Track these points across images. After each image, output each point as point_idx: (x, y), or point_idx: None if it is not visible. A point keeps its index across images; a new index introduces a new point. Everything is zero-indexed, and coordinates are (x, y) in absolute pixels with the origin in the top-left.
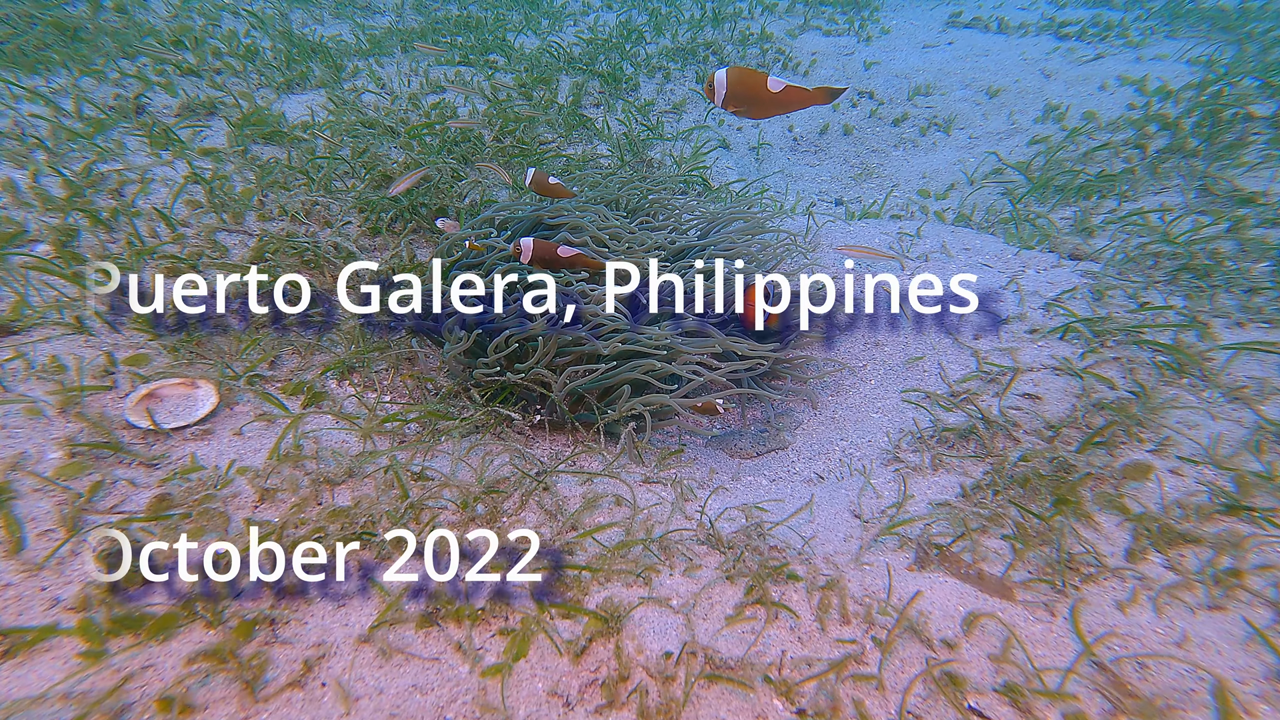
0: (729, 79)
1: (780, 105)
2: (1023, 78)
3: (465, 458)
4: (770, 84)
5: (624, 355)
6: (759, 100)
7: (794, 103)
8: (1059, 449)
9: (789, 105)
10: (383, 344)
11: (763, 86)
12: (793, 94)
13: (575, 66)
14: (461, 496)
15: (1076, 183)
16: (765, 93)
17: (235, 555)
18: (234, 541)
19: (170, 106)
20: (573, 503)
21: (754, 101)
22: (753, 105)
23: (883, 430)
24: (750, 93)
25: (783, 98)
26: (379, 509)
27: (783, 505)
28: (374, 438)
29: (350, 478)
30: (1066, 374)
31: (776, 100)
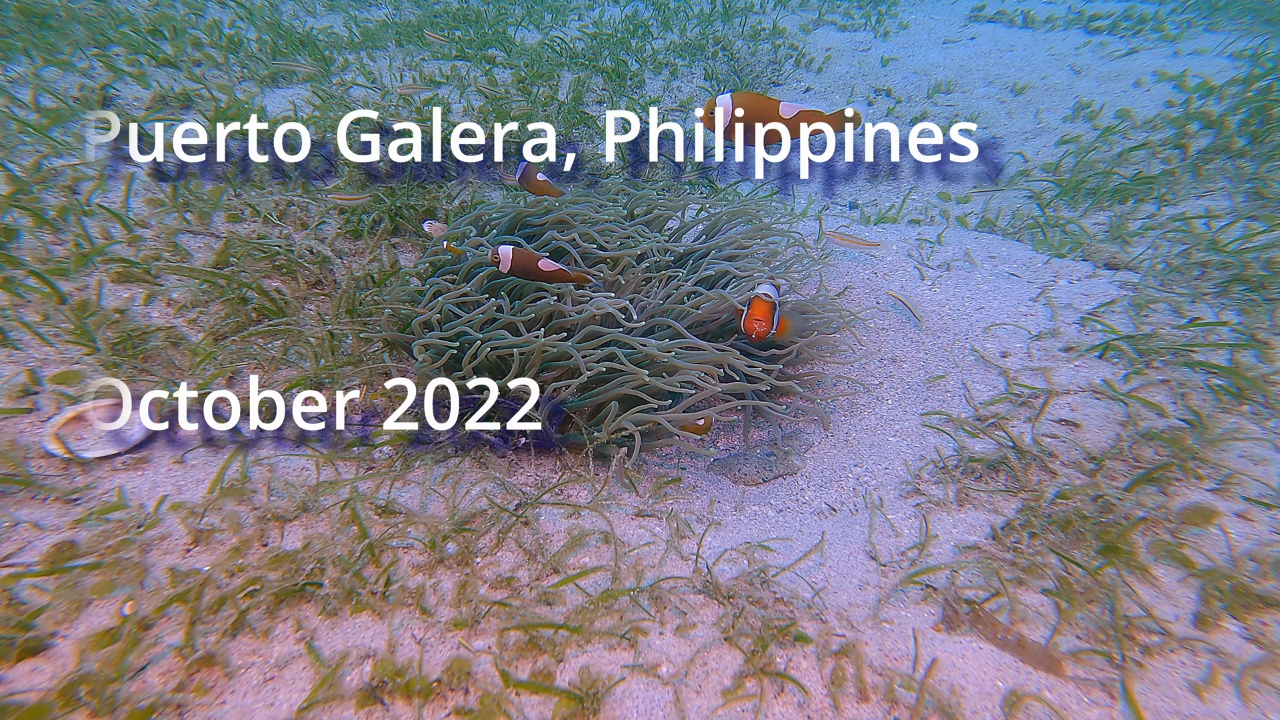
0: (736, 103)
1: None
2: (1050, 74)
3: (438, 487)
4: (783, 109)
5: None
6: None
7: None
8: (1103, 485)
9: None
10: (354, 358)
11: (776, 110)
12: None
13: (578, 62)
14: (429, 535)
15: (1110, 185)
16: (779, 117)
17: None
18: (148, 598)
19: (142, 99)
20: (556, 540)
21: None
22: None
23: (901, 457)
24: (761, 115)
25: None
26: (330, 552)
27: (790, 545)
28: (337, 464)
29: (304, 513)
30: (1108, 398)
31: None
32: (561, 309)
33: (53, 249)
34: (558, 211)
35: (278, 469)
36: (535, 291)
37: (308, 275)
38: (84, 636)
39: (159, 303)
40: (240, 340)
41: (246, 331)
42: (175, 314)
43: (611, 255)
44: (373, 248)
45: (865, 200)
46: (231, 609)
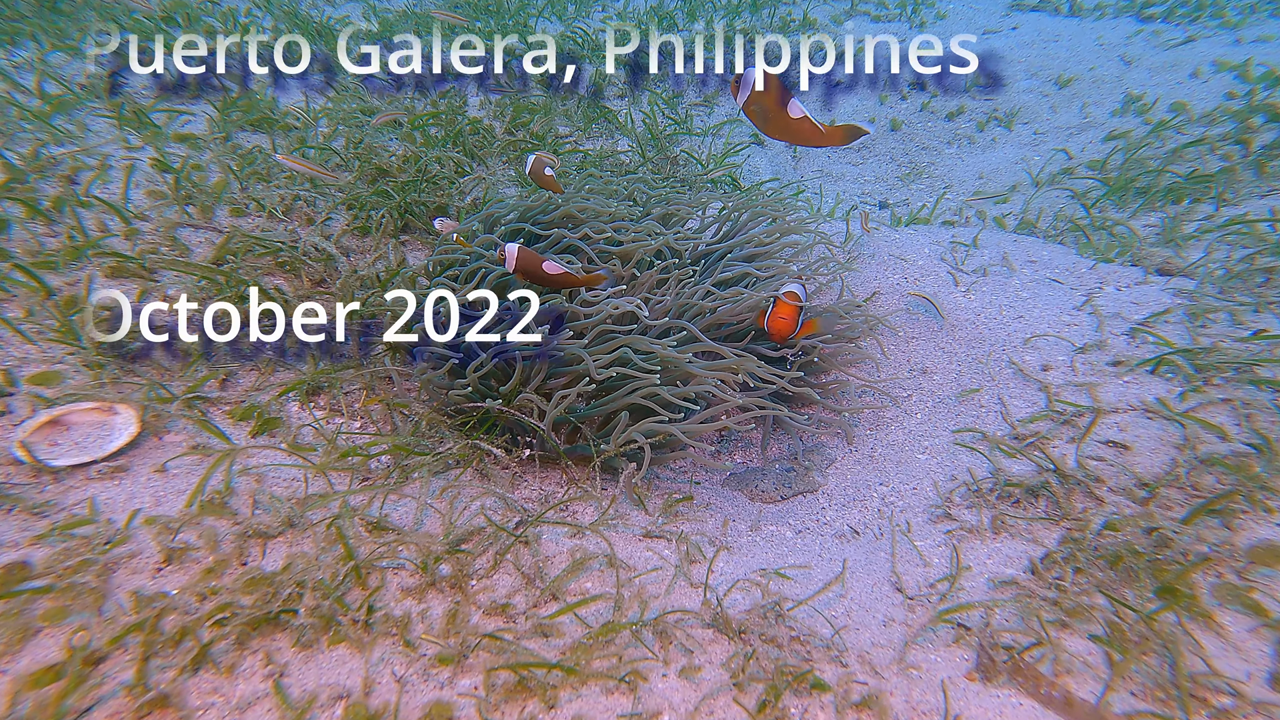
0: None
1: (796, 135)
2: (1098, 65)
3: (435, 502)
4: (790, 108)
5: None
6: (775, 118)
7: (807, 137)
8: (1157, 516)
9: (804, 138)
10: (353, 362)
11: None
12: (806, 127)
13: (600, 54)
14: (421, 556)
15: (1163, 184)
16: (784, 114)
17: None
18: (103, 628)
19: (151, 87)
20: (558, 561)
21: (771, 118)
22: (768, 120)
23: (930, 476)
24: (771, 106)
25: (797, 126)
26: (312, 575)
27: (809, 573)
28: (331, 475)
29: (289, 529)
30: (1162, 418)
31: (792, 128)
32: (574, 310)
33: (46, 241)
34: (565, 207)
35: (266, 479)
36: (546, 292)
37: (311, 273)
38: (23, 673)
39: (154, 299)
40: (234, 340)
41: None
42: (170, 312)
43: (624, 249)
44: (377, 244)
45: (896, 200)
46: (193, 642)
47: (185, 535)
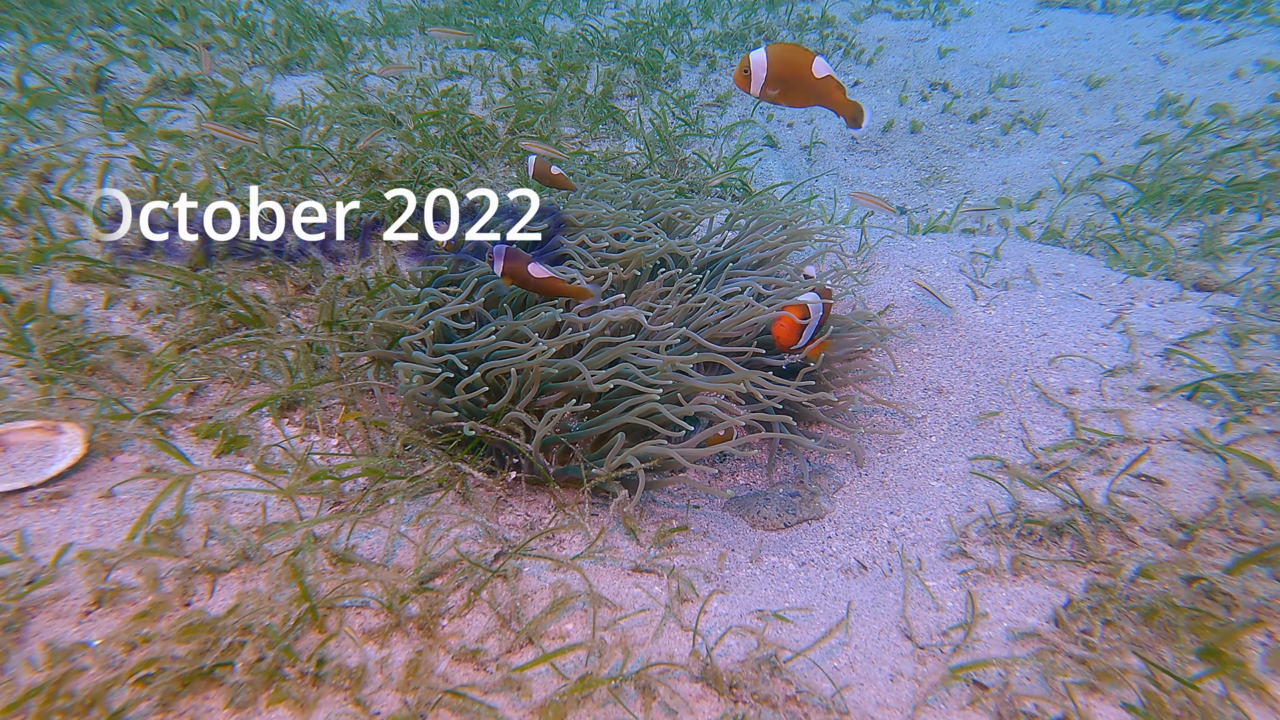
0: (770, 58)
1: (820, 94)
2: (1132, 65)
3: (410, 530)
4: (815, 66)
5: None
6: (801, 84)
7: (830, 96)
8: (1196, 562)
9: (827, 97)
10: (333, 375)
11: (808, 68)
12: (833, 85)
13: (610, 53)
14: (388, 594)
15: (1201, 191)
16: (809, 75)
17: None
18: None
19: (140, 82)
20: (539, 598)
21: (796, 85)
22: (793, 90)
23: (944, 506)
24: (793, 74)
25: (822, 86)
26: (259, 619)
27: (810, 616)
28: (299, 500)
29: (244, 563)
30: (1201, 450)
31: (817, 89)
32: (572, 320)
33: (9, 243)
34: (563, 212)
35: (226, 506)
36: (540, 302)
37: (296, 279)
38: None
39: (123, 306)
40: (205, 352)
41: (212, 343)
42: (139, 319)
43: (624, 256)
44: (359, 249)
45: (915, 205)
46: (100, 712)
47: (122, 573)
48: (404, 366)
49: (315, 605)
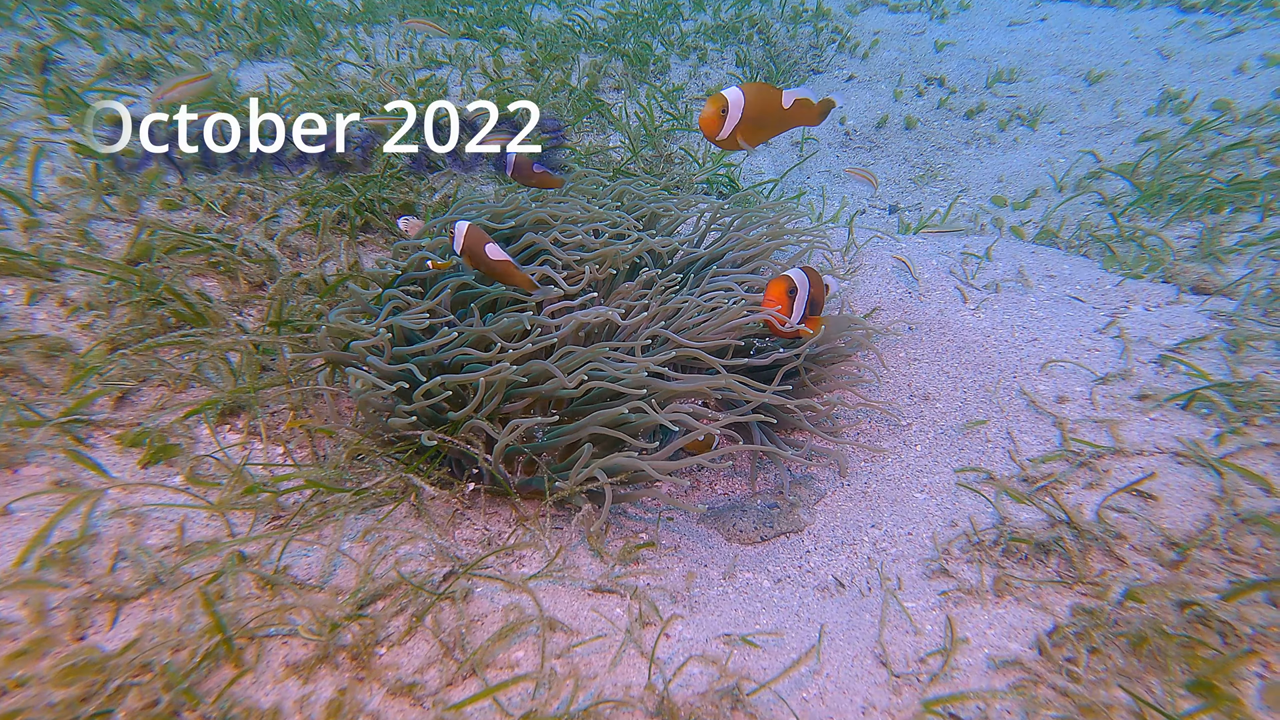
0: (747, 97)
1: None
2: (1133, 59)
3: (355, 547)
4: (784, 99)
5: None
6: (770, 119)
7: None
8: (1189, 585)
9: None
10: (280, 378)
11: (778, 104)
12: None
13: (597, 44)
14: (318, 621)
15: (1201, 190)
16: (779, 109)
17: None
18: None
19: (93, 65)
20: (489, 622)
21: (765, 123)
22: (762, 129)
23: (928, 520)
24: (765, 113)
25: (793, 113)
26: (161, 654)
27: (780, 641)
28: (235, 515)
29: (155, 589)
30: (1194, 464)
31: (788, 118)
32: (542, 323)
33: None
34: (537, 210)
35: (147, 522)
36: (509, 306)
37: (251, 276)
38: None
39: (49, 302)
40: (135, 353)
41: (144, 343)
42: (68, 317)
43: (599, 254)
44: (319, 246)
45: (909, 203)
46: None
47: (5, 603)
48: (355, 372)
49: (231, 636)
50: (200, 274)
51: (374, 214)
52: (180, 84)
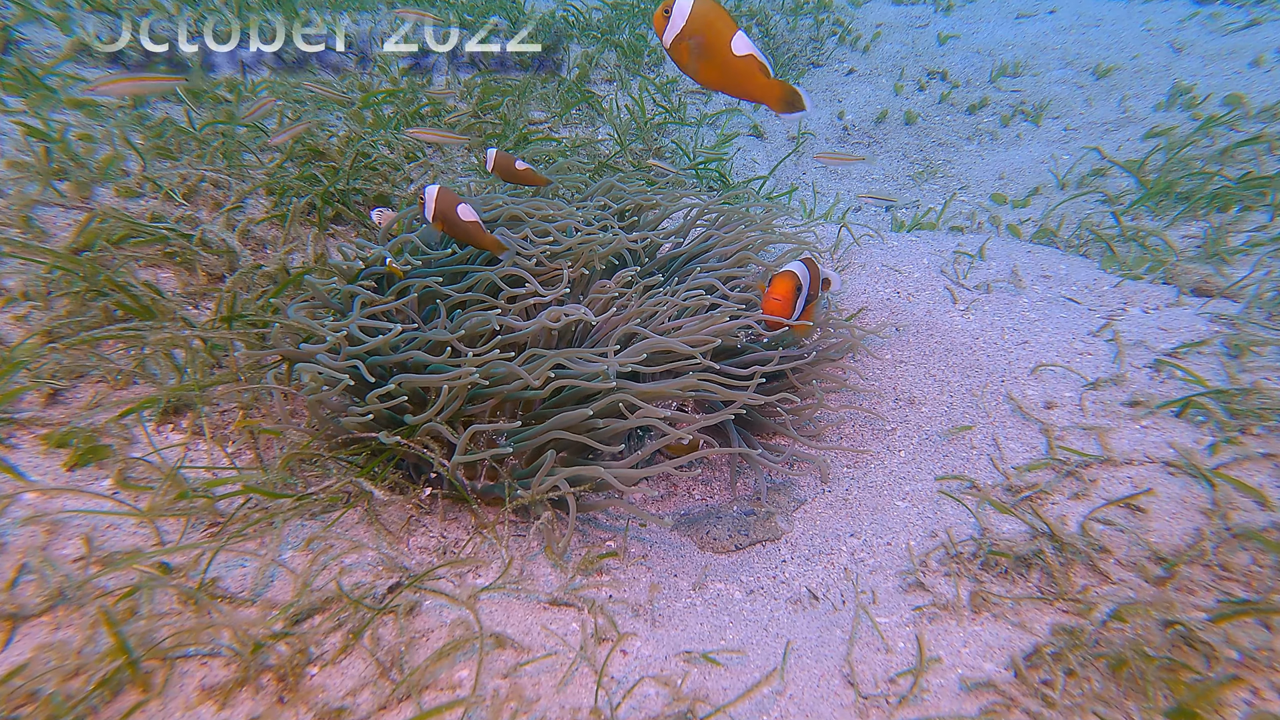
0: (695, 9)
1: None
2: (1143, 53)
3: (296, 558)
4: (735, 41)
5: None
6: (716, 55)
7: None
8: (1175, 603)
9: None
10: (229, 375)
11: (727, 38)
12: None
13: (590, 34)
14: (240, 639)
15: (1209, 188)
16: (726, 48)
17: None
18: None
19: (58, 46)
20: (434, 639)
21: (711, 54)
22: (707, 60)
23: (908, 529)
24: (711, 39)
25: (741, 65)
26: (50, 680)
27: (744, 659)
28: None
29: (59, 604)
30: (1186, 474)
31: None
32: (507, 324)
33: None
34: (510, 207)
35: (64, 530)
36: (476, 306)
37: (211, 268)
38: None
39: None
40: (69, 347)
41: (79, 337)
42: (1, 307)
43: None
44: (285, 237)
45: (906, 201)
46: None
47: None
48: (307, 367)
49: (137, 659)
50: (155, 265)
51: (346, 205)
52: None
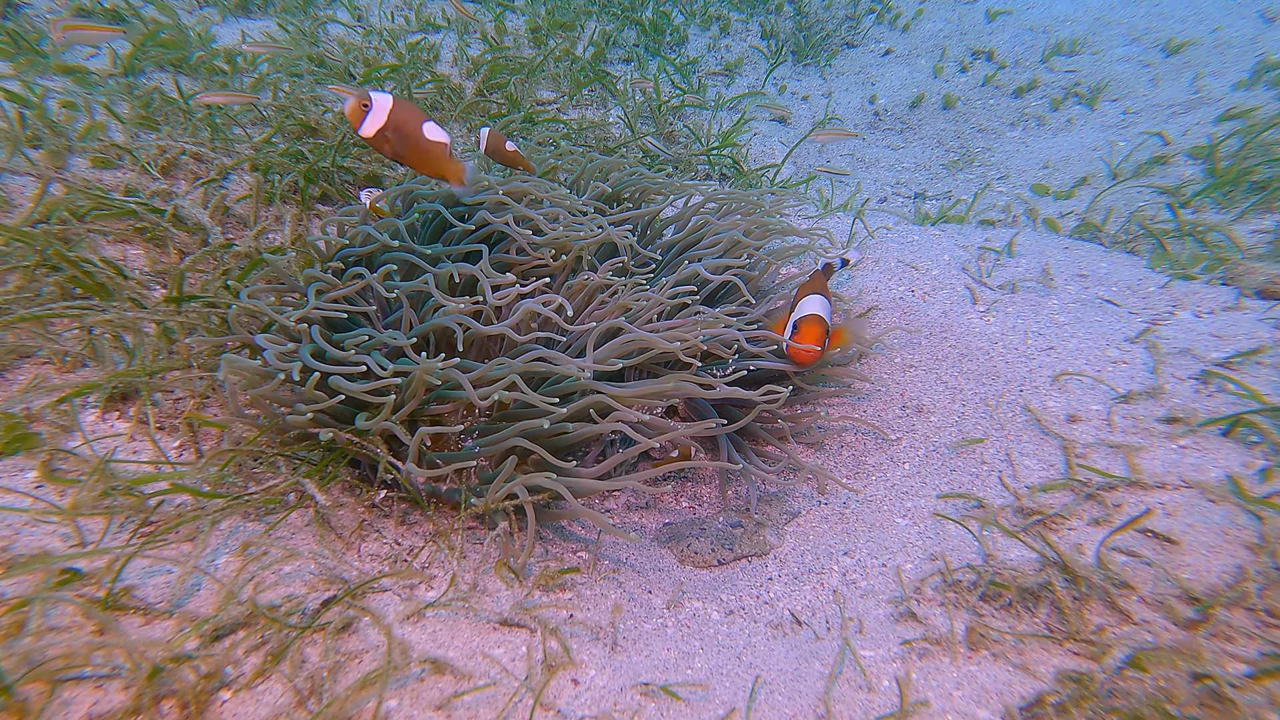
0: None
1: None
2: (1226, 24)
3: (230, 563)
4: (426, 129)
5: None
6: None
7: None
8: (1205, 653)
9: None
10: (181, 361)
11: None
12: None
13: (610, 11)
14: (134, 662)
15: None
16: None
17: None
18: None
19: (58, 10)
20: (366, 662)
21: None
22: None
23: (906, 550)
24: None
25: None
26: None
27: (708, 693)
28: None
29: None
30: (1229, 503)
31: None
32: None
33: None
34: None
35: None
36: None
37: (183, 245)
38: None
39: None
40: (8, 324)
41: (17, 315)
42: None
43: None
44: (253, 215)
45: (938, 191)
46: None
47: None
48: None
49: (10, 684)
50: (125, 240)
51: (332, 185)
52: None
